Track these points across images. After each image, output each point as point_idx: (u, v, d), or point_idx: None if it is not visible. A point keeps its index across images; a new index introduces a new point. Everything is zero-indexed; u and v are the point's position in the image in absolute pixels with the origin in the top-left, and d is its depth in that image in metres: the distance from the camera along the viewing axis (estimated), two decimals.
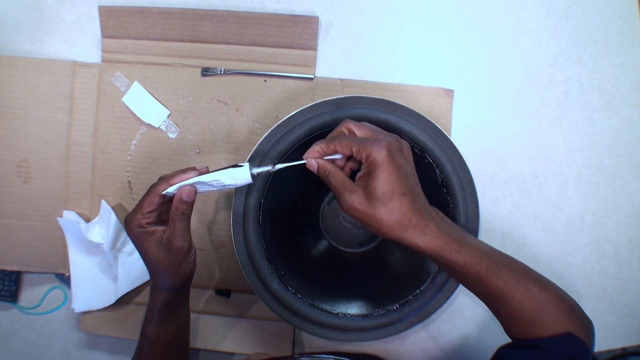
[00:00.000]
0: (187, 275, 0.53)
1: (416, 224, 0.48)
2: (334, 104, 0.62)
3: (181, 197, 0.48)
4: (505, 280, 0.48)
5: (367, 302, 0.66)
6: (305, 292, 0.64)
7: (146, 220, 0.50)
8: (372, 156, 0.47)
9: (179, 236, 0.49)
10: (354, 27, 0.72)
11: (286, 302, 0.62)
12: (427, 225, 0.48)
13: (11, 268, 0.72)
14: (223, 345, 0.70)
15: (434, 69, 0.71)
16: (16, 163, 0.72)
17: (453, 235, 0.49)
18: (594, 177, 0.71)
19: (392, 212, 0.47)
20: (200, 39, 0.71)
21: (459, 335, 0.71)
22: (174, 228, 0.49)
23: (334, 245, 0.73)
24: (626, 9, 0.70)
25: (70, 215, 0.70)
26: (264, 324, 0.71)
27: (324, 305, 0.64)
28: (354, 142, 0.49)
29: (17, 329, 0.74)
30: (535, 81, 0.71)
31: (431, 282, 0.63)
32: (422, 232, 0.48)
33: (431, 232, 0.48)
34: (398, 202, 0.47)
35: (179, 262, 0.51)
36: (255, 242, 0.62)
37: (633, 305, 0.71)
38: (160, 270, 0.53)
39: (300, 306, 0.62)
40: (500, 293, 0.48)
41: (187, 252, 0.51)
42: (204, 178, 0.49)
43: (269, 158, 0.61)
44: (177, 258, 0.51)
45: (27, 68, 0.72)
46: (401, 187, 0.47)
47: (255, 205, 0.62)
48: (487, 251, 0.50)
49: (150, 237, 0.50)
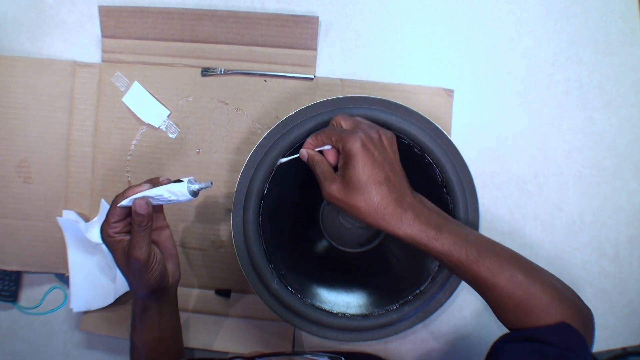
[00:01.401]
0: (152, 285, 0.53)
1: (392, 212, 0.49)
2: (334, 104, 0.62)
3: (136, 210, 0.49)
4: (488, 267, 0.48)
5: (367, 302, 0.66)
6: (305, 292, 0.64)
7: (113, 230, 0.51)
8: (347, 147, 0.50)
9: (136, 247, 0.50)
10: (354, 27, 0.72)
11: (286, 301, 0.62)
12: (404, 213, 0.49)
13: (11, 268, 0.72)
14: (223, 345, 0.70)
15: (434, 69, 0.71)
16: (16, 163, 0.72)
17: (433, 223, 0.50)
18: (594, 177, 0.71)
19: (368, 200, 0.49)
20: (200, 39, 0.71)
21: (459, 335, 0.71)
22: (132, 239, 0.50)
23: (333, 245, 0.73)
24: (626, 9, 0.70)
25: (69, 215, 0.70)
26: (263, 324, 0.71)
27: (323, 305, 0.64)
28: (333, 133, 0.52)
29: (17, 329, 0.74)
30: (535, 81, 0.71)
31: (431, 282, 0.63)
32: (399, 220, 0.49)
33: (408, 220, 0.49)
34: (374, 191, 0.49)
35: (140, 272, 0.51)
36: (255, 241, 0.62)
37: (633, 305, 0.71)
38: (129, 278, 0.54)
39: (300, 306, 0.62)
40: (483, 280, 0.48)
41: (144, 264, 0.51)
42: (150, 192, 0.50)
43: (269, 157, 0.61)
44: (137, 268, 0.51)
45: (27, 68, 0.72)
46: (376, 177, 0.49)
47: (256, 205, 0.62)
48: (470, 238, 0.50)
49: (117, 245, 0.51)
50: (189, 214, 0.71)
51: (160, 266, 0.53)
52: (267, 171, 0.61)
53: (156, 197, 0.50)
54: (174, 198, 0.51)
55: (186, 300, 0.71)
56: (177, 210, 0.71)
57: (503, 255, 0.49)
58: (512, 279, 0.48)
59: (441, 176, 0.62)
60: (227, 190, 0.71)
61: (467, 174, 0.63)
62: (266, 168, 0.61)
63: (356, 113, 0.61)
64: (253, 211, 0.62)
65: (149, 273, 0.52)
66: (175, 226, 0.71)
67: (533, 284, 0.48)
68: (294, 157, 0.56)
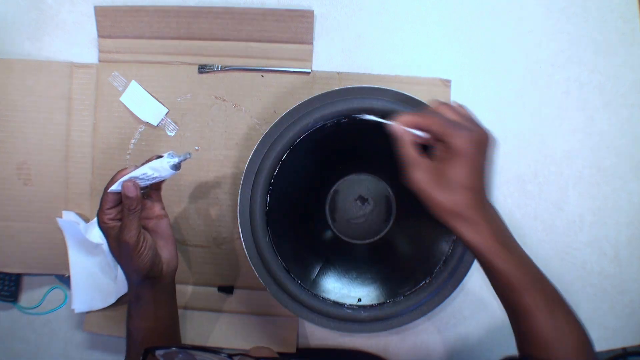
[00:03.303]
0: (142, 270, 0.55)
1: (468, 218, 0.48)
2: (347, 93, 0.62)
3: (125, 194, 0.51)
4: (534, 298, 0.48)
5: (372, 293, 0.66)
6: (310, 284, 0.65)
7: (107, 216, 0.53)
8: (455, 142, 0.47)
9: (126, 230, 0.52)
10: (350, 20, 0.72)
11: (293, 294, 0.62)
12: (479, 223, 0.48)
13: (13, 271, 0.72)
14: (227, 342, 0.71)
15: (431, 62, 0.71)
16: (16, 165, 0.72)
17: (500, 239, 0.49)
18: (594, 177, 0.71)
19: (453, 199, 0.47)
20: (197, 36, 0.71)
21: (459, 336, 0.71)
22: (123, 222, 0.52)
23: (339, 236, 0.73)
24: (626, 9, 0.70)
25: (69, 216, 0.70)
26: (267, 319, 0.71)
27: (328, 295, 0.64)
28: (438, 122, 0.48)
29: (17, 329, 0.74)
30: (535, 81, 0.71)
31: (432, 281, 0.63)
32: (473, 228, 0.48)
33: (481, 230, 0.48)
34: (460, 195, 0.47)
35: (130, 256, 0.53)
36: (262, 233, 0.62)
37: (633, 305, 0.70)
38: (120, 262, 0.57)
39: (306, 298, 0.62)
40: (524, 309, 0.48)
41: (135, 246, 0.52)
42: (135, 173, 0.52)
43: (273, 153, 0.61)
44: (127, 251, 0.53)
45: (25, 70, 0.72)
46: (471, 182, 0.48)
47: (262, 196, 0.62)
48: (527, 265, 0.50)
49: (111, 231, 0.54)
50: (190, 211, 0.72)
51: (150, 251, 0.55)
52: (275, 161, 0.61)
53: (142, 177, 0.52)
54: (157, 175, 0.53)
55: (189, 298, 0.72)
56: (179, 207, 0.71)
57: (550, 291, 0.50)
58: (552, 319, 0.48)
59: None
60: (227, 186, 0.71)
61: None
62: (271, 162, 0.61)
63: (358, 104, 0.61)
64: (259, 203, 0.62)
65: (139, 257, 0.53)
66: (177, 224, 0.72)
67: (569, 331, 0.48)
68: (381, 121, 0.52)
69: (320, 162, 0.70)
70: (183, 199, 0.71)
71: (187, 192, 0.71)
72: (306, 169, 0.68)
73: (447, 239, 0.64)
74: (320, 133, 0.63)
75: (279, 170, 0.63)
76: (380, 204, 0.72)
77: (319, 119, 0.61)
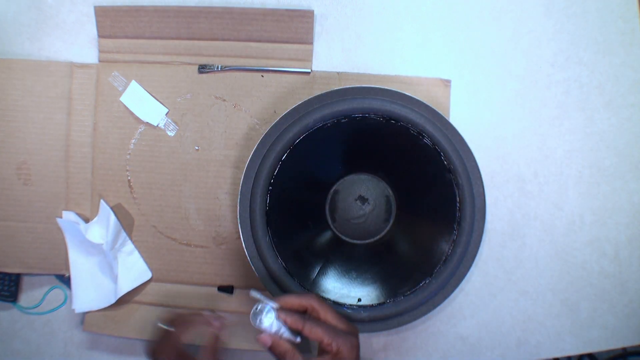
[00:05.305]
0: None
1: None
2: (346, 93, 0.62)
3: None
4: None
5: (372, 293, 0.66)
6: (311, 284, 0.65)
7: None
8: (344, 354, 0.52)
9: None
10: (350, 20, 0.72)
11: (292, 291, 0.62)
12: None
13: (13, 271, 0.72)
14: (226, 341, 0.70)
15: (431, 62, 0.71)
16: (16, 165, 0.72)
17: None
18: (594, 177, 0.71)
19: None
20: (197, 36, 0.71)
21: (459, 336, 0.71)
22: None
23: (339, 236, 0.73)
24: (626, 9, 0.70)
25: (69, 216, 0.71)
26: None
27: (328, 296, 0.64)
28: (326, 333, 0.52)
29: (17, 329, 0.74)
30: (535, 81, 0.71)
31: (432, 281, 0.63)
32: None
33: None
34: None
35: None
36: (262, 233, 0.62)
37: (633, 305, 0.70)
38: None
39: None
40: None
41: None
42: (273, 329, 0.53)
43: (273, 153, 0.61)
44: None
45: (25, 70, 0.72)
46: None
47: (262, 196, 0.62)
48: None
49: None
50: (190, 211, 0.72)
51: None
52: (275, 161, 0.62)
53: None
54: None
55: (189, 298, 0.72)
56: (178, 207, 0.71)
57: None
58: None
59: (446, 160, 0.62)
60: (227, 186, 0.71)
61: (470, 159, 0.63)
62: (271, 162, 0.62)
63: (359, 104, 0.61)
64: (260, 201, 0.62)
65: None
66: (177, 224, 0.72)
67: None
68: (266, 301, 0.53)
69: (320, 162, 0.70)
70: (183, 199, 0.71)
71: (187, 192, 0.71)
72: (306, 169, 0.69)
73: (447, 239, 0.64)
74: (320, 133, 0.63)
75: (279, 170, 0.63)
76: (380, 204, 0.72)
77: (319, 119, 0.61)
